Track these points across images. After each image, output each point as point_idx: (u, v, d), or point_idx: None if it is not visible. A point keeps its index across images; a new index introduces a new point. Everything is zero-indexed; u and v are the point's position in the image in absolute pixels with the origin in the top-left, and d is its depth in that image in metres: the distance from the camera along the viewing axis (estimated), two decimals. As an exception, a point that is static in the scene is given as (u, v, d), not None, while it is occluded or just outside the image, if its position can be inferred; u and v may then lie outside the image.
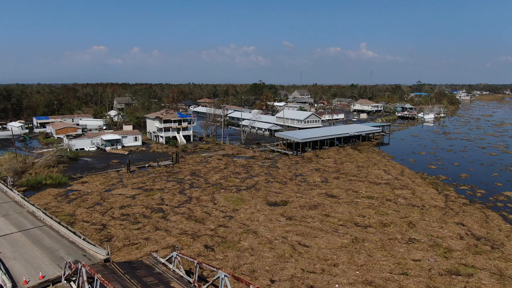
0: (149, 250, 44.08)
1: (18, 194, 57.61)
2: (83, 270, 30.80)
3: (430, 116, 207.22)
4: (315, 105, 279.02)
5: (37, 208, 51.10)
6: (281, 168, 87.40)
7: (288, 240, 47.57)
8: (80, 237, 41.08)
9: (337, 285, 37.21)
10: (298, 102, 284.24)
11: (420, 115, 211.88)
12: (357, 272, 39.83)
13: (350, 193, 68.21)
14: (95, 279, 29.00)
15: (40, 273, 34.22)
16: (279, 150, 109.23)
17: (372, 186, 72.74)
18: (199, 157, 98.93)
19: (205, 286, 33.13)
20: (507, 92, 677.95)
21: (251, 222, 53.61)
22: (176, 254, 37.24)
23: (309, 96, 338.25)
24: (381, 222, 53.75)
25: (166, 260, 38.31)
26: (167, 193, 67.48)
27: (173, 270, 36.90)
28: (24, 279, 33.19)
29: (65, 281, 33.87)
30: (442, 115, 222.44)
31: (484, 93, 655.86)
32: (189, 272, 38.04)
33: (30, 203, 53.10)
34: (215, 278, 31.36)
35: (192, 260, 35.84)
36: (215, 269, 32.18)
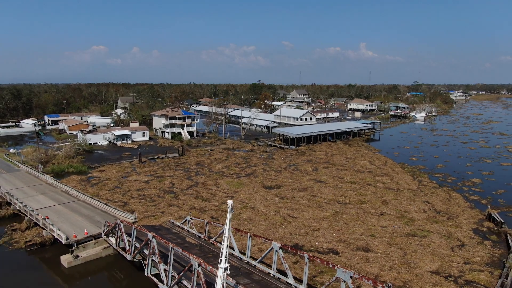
0: (166, 219, 53.77)
1: (51, 178, 67.34)
2: (121, 224, 40.57)
3: (421, 115, 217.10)
4: (313, 104, 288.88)
5: (69, 187, 60.86)
6: (277, 160, 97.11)
7: (280, 213, 57.33)
8: (111, 207, 50.85)
9: (317, 243, 46.96)
10: (296, 101, 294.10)
11: (412, 113, 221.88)
12: (334, 234, 49.59)
13: (336, 179, 77.97)
14: (133, 229, 38.72)
15: (85, 230, 44.03)
16: (276, 144, 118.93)
17: (356, 173, 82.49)
18: (202, 150, 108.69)
19: (213, 239, 43.02)
20: (503, 92, 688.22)
21: (250, 201, 63.35)
22: (190, 218, 47.08)
23: (307, 96, 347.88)
24: (359, 201, 63.52)
25: (182, 224, 48.17)
26: (176, 179, 77.21)
27: (188, 230, 46.74)
28: (73, 234, 42.97)
29: (104, 236, 43.63)
30: (433, 113, 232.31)
31: (480, 93, 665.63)
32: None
33: (63, 184, 62.84)
34: (221, 232, 41.01)
35: (202, 221, 45.69)
36: (220, 225, 41.95)
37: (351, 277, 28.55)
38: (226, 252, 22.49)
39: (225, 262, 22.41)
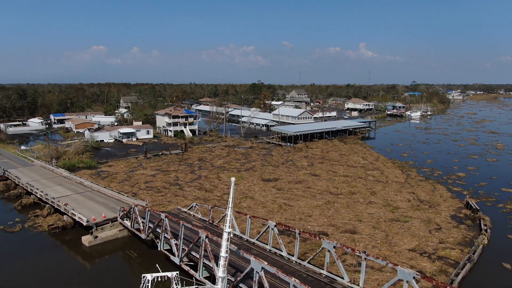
0: (173, 207, 59.11)
1: (65, 171, 72.66)
2: (136, 208, 45.96)
3: (416, 114, 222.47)
4: (311, 104, 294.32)
5: (84, 179, 66.20)
6: (275, 156, 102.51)
7: (277, 202, 62.74)
8: (124, 195, 56.20)
9: (309, 226, 52.35)
10: (295, 101, 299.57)
11: (408, 113, 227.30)
12: (325, 219, 54.99)
13: (330, 173, 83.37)
14: (147, 212, 44.09)
15: (103, 214, 49.41)
16: (274, 142, 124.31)
17: (349, 168, 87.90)
18: (204, 147, 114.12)
19: (217, 221, 48.40)
20: (501, 92, 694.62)
21: (249, 191, 68.76)
22: (195, 204, 52.46)
23: (306, 96, 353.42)
24: (350, 192, 68.92)
25: (188, 209, 53.56)
26: (181, 173, 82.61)
27: (194, 215, 52.12)
28: (93, 217, 48.34)
29: (120, 219, 49.00)
30: (429, 113, 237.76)
31: (478, 92, 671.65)
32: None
33: (77, 176, 68.18)
34: (224, 215, 46.34)
35: (207, 206, 51.09)
36: (223, 209, 47.29)
37: (334, 246, 34.04)
38: (230, 219, 27.84)
39: (229, 228, 27.76)
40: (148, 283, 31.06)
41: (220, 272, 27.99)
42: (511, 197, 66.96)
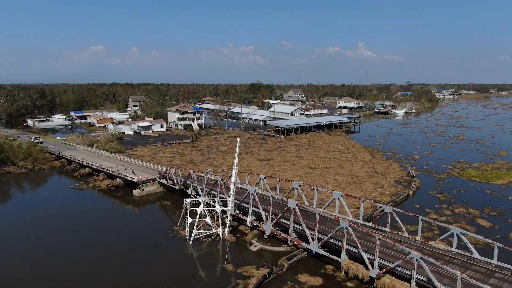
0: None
1: (106, 152, 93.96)
2: (171, 170, 67.41)
3: (401, 111, 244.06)
4: (306, 102, 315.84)
5: (123, 156, 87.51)
6: (269, 144, 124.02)
7: (268, 173, 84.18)
8: (157, 165, 77.57)
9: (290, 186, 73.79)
10: (291, 100, 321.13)
11: (393, 110, 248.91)
12: (302, 182, 76.34)
13: (313, 155, 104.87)
14: (179, 170, 65.52)
15: (146, 175, 70.96)
16: (270, 134, 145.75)
17: (328, 152, 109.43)
18: (210, 138, 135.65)
19: (226, 179, 69.91)
20: (493, 91, 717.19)
21: (248, 167, 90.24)
22: (210, 170, 73.99)
23: (303, 95, 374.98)
24: (325, 167, 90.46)
25: (205, 174, 75.00)
26: (194, 156, 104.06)
27: (208, 177, 73.54)
28: (140, 177, 69.83)
29: (158, 179, 70.45)
30: (413, 110, 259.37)
31: (471, 92, 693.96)
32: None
33: (116, 155, 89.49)
34: (230, 175, 67.68)
35: (218, 170, 72.62)
36: (229, 171, 68.70)
37: (299, 185, 55.51)
38: (237, 159, 49.07)
39: (236, 166, 49.02)
40: (188, 204, 52.42)
41: (231, 191, 49.39)
42: (446, 171, 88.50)
